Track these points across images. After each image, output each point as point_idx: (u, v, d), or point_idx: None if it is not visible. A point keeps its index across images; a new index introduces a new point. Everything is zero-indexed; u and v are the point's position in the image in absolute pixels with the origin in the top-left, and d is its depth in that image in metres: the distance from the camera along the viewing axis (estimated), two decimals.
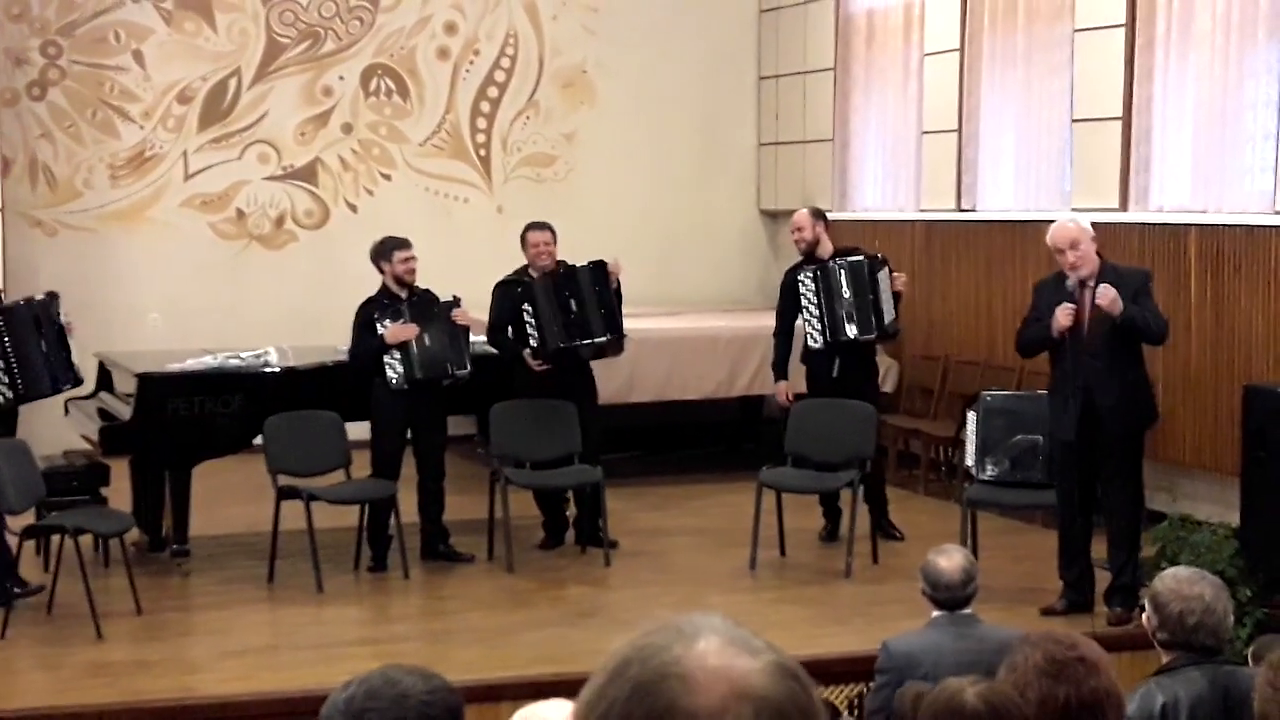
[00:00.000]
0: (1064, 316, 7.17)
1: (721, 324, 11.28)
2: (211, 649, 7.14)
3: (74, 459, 8.77)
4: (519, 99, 12.73)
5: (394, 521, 8.28)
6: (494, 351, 8.74)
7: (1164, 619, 4.22)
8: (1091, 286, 7.18)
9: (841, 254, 8.94)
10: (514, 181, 12.71)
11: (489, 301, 8.79)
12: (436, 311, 8.41)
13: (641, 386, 10.57)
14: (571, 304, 8.64)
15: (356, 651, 6.84)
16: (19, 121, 11.67)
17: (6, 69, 11.65)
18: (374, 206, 12.27)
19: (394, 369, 8.27)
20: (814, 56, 12.43)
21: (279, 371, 8.63)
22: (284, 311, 11.72)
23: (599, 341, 8.74)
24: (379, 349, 8.28)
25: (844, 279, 8.74)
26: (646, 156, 12.87)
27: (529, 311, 8.61)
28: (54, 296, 8.45)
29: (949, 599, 5.07)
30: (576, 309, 8.65)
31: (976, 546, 7.64)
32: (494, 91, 12.68)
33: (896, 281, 8.83)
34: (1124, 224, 9.24)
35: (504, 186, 12.67)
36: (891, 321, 8.80)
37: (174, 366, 8.52)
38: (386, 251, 8.48)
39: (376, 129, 12.43)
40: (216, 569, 8.40)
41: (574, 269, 8.75)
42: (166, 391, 8.30)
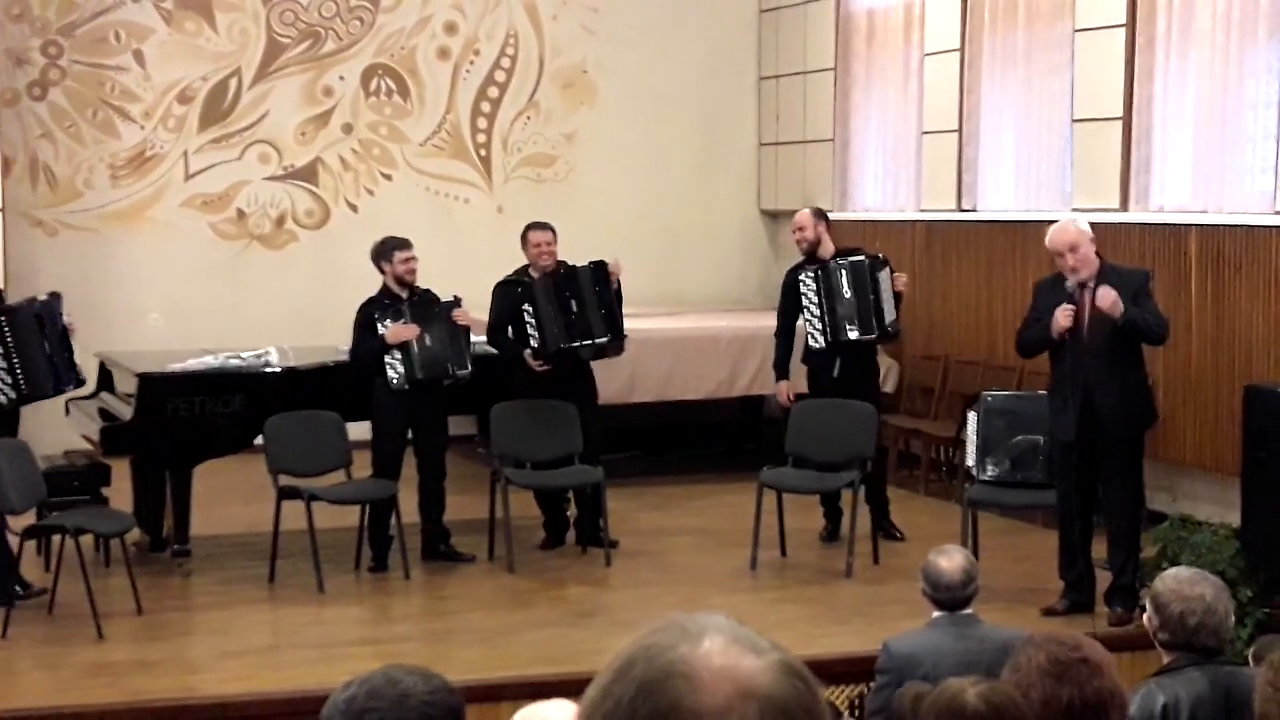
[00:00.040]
0: (1064, 318, 7.16)
1: (722, 324, 11.27)
2: (212, 649, 7.15)
3: (75, 459, 8.78)
4: (519, 99, 12.73)
5: (395, 521, 8.28)
6: (494, 351, 8.74)
7: (1165, 619, 4.22)
8: (1091, 288, 7.18)
9: (843, 254, 8.94)
10: (514, 181, 12.71)
11: (489, 301, 8.80)
12: (437, 311, 8.41)
13: (642, 386, 10.57)
14: (572, 304, 8.64)
15: (357, 651, 6.84)
16: (19, 121, 11.67)
17: (7, 69, 11.65)
18: (374, 206, 12.27)
19: (395, 369, 8.27)
20: (814, 56, 12.43)
21: (280, 371, 8.63)
22: (285, 311, 11.72)
23: (600, 342, 8.74)
24: (380, 349, 8.28)
25: (845, 279, 8.74)
26: (647, 156, 12.87)
27: (529, 312, 8.61)
28: (57, 297, 8.45)
29: (949, 599, 5.07)
30: (577, 309, 8.64)
31: (977, 547, 7.64)
32: (494, 91, 12.68)
33: (897, 282, 8.82)
34: (1124, 224, 9.24)
35: (504, 186, 12.67)
36: (892, 322, 8.79)
37: (175, 366, 8.52)
38: (387, 251, 8.48)
39: (377, 129, 12.43)
40: (217, 569, 8.40)
41: (574, 269, 8.75)
42: (167, 391, 8.30)
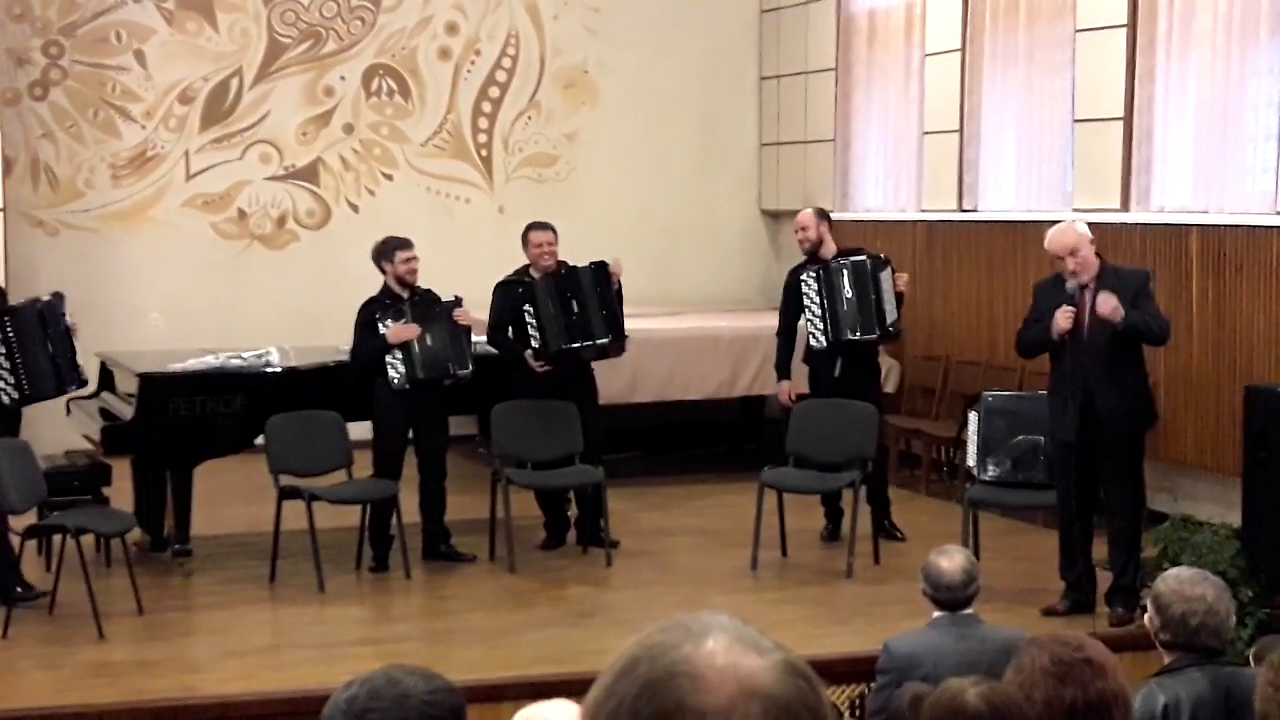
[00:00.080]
0: (1063, 320, 7.15)
1: (723, 324, 11.27)
2: (213, 649, 7.15)
3: (76, 459, 8.78)
4: (520, 99, 12.73)
5: (395, 521, 8.27)
6: (495, 351, 8.74)
7: (1166, 620, 4.21)
8: (1092, 289, 7.17)
9: (844, 254, 8.94)
10: (515, 181, 12.71)
11: (490, 301, 8.79)
12: (438, 311, 8.41)
13: (643, 387, 10.56)
14: (573, 305, 8.64)
15: (358, 651, 6.84)
16: (20, 121, 11.66)
17: (8, 69, 11.65)
18: (375, 206, 12.27)
19: (396, 369, 8.27)
20: (815, 56, 12.43)
21: (280, 371, 8.63)
22: (285, 311, 11.72)
23: (601, 343, 8.73)
24: (381, 349, 8.27)
25: (846, 279, 8.73)
26: (648, 156, 12.87)
27: (530, 312, 8.60)
28: (60, 297, 8.44)
29: (950, 599, 5.07)
30: (578, 310, 8.64)
31: (978, 547, 7.64)
32: (495, 91, 12.68)
33: (899, 282, 8.82)
34: (1125, 224, 9.24)
35: (505, 186, 12.67)
36: (894, 322, 8.79)
37: (176, 366, 8.52)
38: (388, 251, 8.48)
39: (378, 129, 12.43)
40: (218, 569, 8.40)
41: (575, 270, 8.74)
42: (168, 391, 8.30)
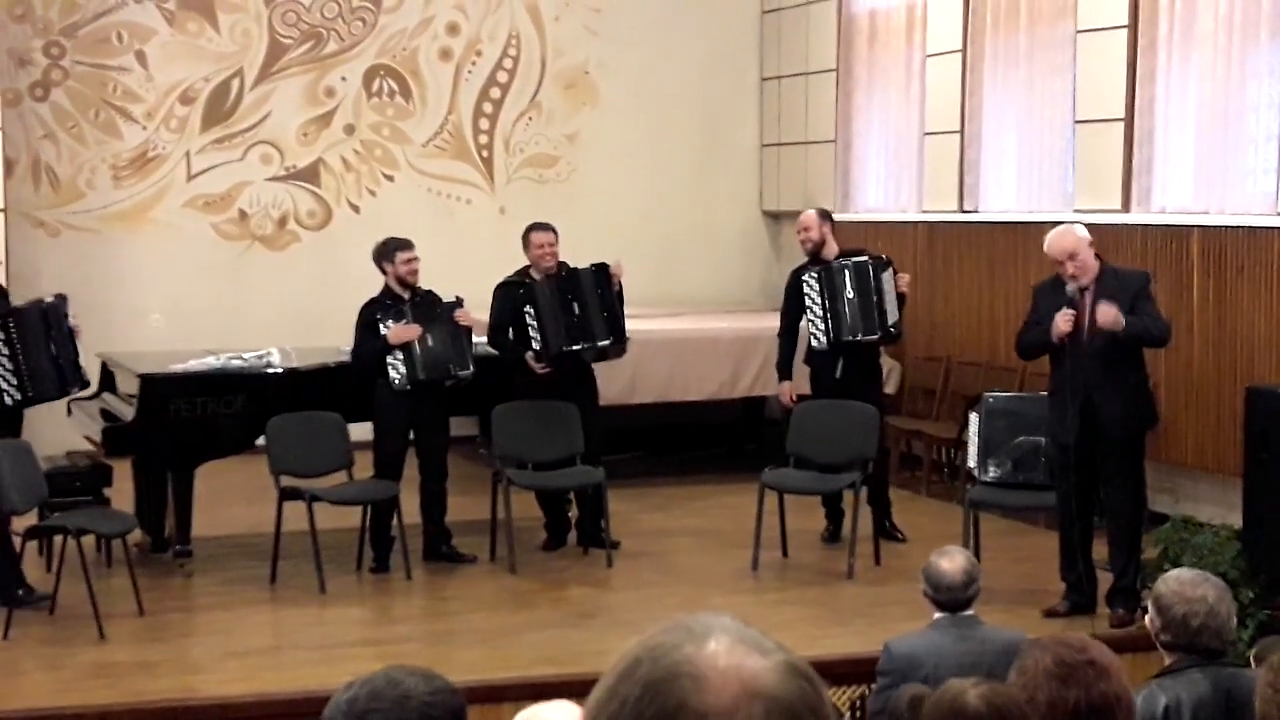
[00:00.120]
0: (1063, 323, 7.15)
1: (723, 325, 11.27)
2: (214, 650, 7.15)
3: (77, 460, 8.79)
4: (521, 100, 12.73)
5: (396, 522, 8.27)
6: (496, 352, 8.74)
7: (1167, 621, 4.21)
8: (1091, 291, 7.17)
9: (846, 255, 8.94)
10: (516, 182, 12.71)
11: (490, 302, 8.79)
12: (439, 312, 8.41)
13: (643, 387, 10.56)
14: (574, 306, 8.64)
15: (359, 652, 6.85)
16: (22, 122, 11.66)
17: (9, 69, 11.65)
18: (376, 207, 12.27)
19: (396, 370, 8.27)
20: (816, 57, 12.42)
21: (281, 372, 8.63)
22: (286, 312, 11.72)
23: (601, 344, 8.73)
24: (382, 350, 8.28)
25: (848, 280, 8.73)
26: (648, 157, 12.87)
27: (531, 313, 8.60)
28: (63, 299, 8.44)
29: (951, 600, 5.07)
30: (579, 311, 8.64)
31: (978, 548, 7.63)
32: (496, 92, 12.68)
33: (900, 283, 8.82)
34: (1126, 225, 9.24)
35: (506, 187, 12.67)
36: (895, 323, 8.78)
37: (176, 367, 8.52)
38: (389, 252, 8.48)
39: (379, 130, 12.43)
40: (219, 570, 8.40)
41: (576, 271, 8.74)
42: (169, 392, 8.30)
